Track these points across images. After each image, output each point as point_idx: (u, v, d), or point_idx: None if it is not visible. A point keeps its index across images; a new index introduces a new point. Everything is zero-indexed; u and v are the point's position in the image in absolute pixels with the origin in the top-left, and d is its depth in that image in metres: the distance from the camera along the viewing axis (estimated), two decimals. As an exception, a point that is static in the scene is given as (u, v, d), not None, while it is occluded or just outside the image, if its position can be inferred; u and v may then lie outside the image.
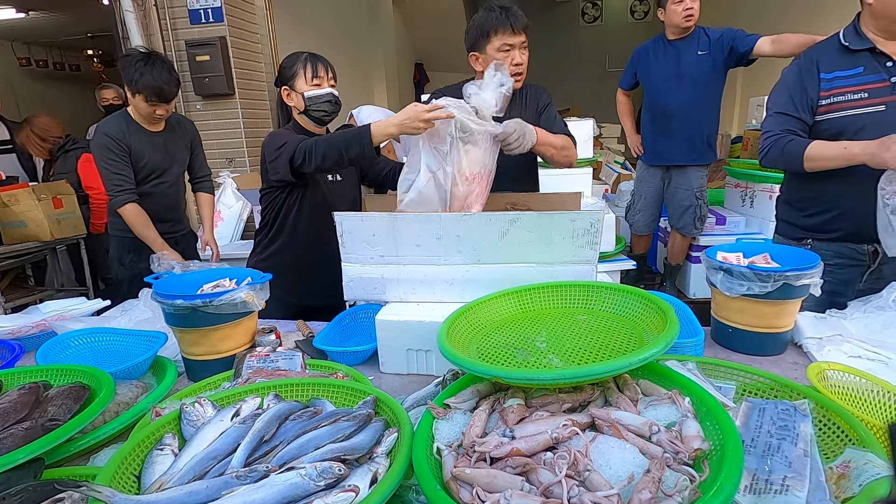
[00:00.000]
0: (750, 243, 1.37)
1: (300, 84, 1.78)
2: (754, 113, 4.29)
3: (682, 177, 3.13)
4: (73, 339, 1.33)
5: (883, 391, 0.90)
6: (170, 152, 2.35)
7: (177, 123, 2.40)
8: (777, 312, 1.20)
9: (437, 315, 1.18)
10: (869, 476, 0.64)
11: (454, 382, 0.92)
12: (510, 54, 1.72)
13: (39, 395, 0.96)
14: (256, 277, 1.33)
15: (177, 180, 2.43)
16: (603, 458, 0.68)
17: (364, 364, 1.32)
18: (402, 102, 7.91)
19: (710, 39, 2.89)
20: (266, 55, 4.28)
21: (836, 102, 1.55)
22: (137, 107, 2.17)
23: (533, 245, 1.22)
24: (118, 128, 2.18)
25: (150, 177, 2.29)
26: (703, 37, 2.92)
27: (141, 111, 2.18)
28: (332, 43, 6.04)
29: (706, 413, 0.74)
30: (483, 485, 0.65)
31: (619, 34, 8.95)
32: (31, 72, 7.84)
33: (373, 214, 1.28)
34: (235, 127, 3.83)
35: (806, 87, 1.60)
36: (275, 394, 0.92)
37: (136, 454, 0.78)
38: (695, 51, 2.92)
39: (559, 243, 1.21)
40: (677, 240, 3.31)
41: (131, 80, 2.08)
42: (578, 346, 0.93)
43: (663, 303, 0.95)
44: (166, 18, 3.65)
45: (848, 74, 1.54)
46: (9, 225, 3.22)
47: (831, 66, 1.57)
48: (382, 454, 0.75)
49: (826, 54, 1.61)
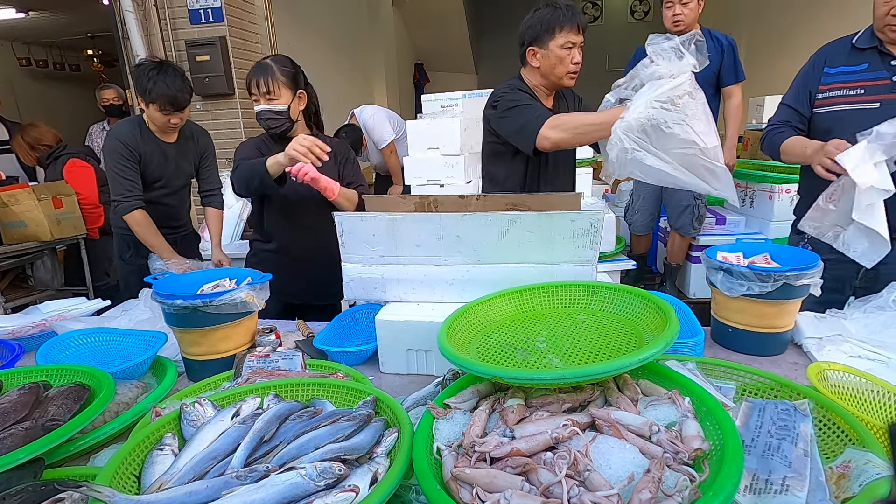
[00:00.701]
0: (750, 243, 1.37)
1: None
2: (754, 113, 4.29)
3: None
4: (73, 339, 1.33)
5: (883, 391, 0.90)
6: (179, 166, 2.35)
7: (191, 135, 2.39)
8: (777, 312, 1.20)
9: (437, 315, 1.18)
10: (869, 476, 0.64)
11: (454, 382, 0.92)
12: (571, 52, 1.74)
13: (39, 395, 0.96)
14: (256, 277, 1.33)
15: (179, 191, 2.42)
16: (603, 458, 0.68)
17: (364, 364, 1.32)
18: (402, 102, 7.92)
19: (715, 43, 2.88)
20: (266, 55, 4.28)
21: (832, 97, 1.59)
22: (152, 117, 2.16)
23: (533, 245, 1.21)
24: (131, 134, 2.18)
25: (152, 185, 2.28)
26: (708, 38, 2.91)
27: (156, 121, 2.18)
28: (331, 43, 6.04)
29: (706, 413, 0.74)
30: (483, 485, 0.65)
31: (619, 34, 8.96)
32: (31, 72, 7.84)
33: (373, 214, 1.28)
34: (235, 127, 3.83)
35: (808, 80, 1.66)
36: (275, 394, 0.92)
37: (136, 454, 0.78)
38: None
39: (559, 243, 1.21)
40: (677, 240, 3.31)
41: (145, 89, 2.08)
42: (578, 346, 0.93)
43: (663, 303, 0.95)
44: (166, 18, 3.66)
45: (852, 70, 1.58)
46: (9, 225, 3.22)
47: (838, 62, 1.62)
48: (382, 454, 0.75)
49: (837, 51, 1.65)
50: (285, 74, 1.77)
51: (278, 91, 1.76)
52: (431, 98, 3.10)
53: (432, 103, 3.08)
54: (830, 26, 4.21)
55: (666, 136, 1.28)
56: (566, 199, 1.43)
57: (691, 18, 2.84)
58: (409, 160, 2.80)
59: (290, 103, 1.78)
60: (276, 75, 1.75)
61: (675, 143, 1.29)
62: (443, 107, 3.04)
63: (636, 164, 1.32)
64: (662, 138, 1.29)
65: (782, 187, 3.00)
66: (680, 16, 2.82)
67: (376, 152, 3.96)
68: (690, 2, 2.80)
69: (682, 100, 1.26)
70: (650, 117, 1.27)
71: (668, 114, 1.26)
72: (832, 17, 4.21)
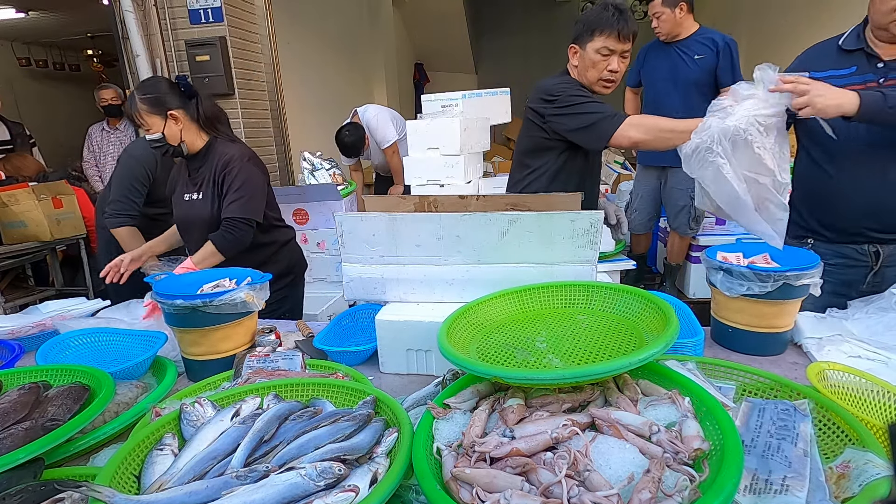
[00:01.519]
0: (750, 243, 1.37)
1: None
2: (754, 113, 4.29)
3: (677, 177, 3.14)
4: (73, 339, 1.33)
5: (883, 391, 0.90)
6: None
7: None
8: (777, 312, 1.20)
9: (437, 315, 1.18)
10: (869, 476, 0.64)
11: (454, 382, 0.92)
12: (608, 59, 1.68)
13: (39, 395, 0.96)
14: (256, 277, 1.33)
15: None
16: (603, 458, 0.68)
17: (364, 364, 1.32)
18: (402, 102, 7.93)
19: (713, 44, 2.89)
20: (266, 55, 4.28)
21: None
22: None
23: (533, 245, 1.21)
24: (152, 159, 2.20)
25: (154, 203, 2.29)
26: (703, 40, 2.92)
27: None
28: (331, 43, 6.04)
29: (706, 413, 0.74)
30: (483, 485, 0.65)
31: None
32: (31, 72, 7.85)
33: (372, 214, 1.28)
34: (235, 127, 3.81)
35: None
36: (275, 394, 0.92)
37: (136, 454, 0.78)
38: (692, 55, 2.94)
39: (559, 243, 1.20)
40: (676, 240, 3.32)
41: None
42: (578, 346, 0.93)
43: (663, 303, 0.95)
44: (166, 18, 3.65)
45: (840, 74, 1.55)
46: (9, 225, 3.22)
47: (826, 66, 1.58)
48: (382, 454, 0.75)
49: (823, 54, 1.62)
50: (146, 101, 1.74)
51: (145, 120, 1.75)
52: (431, 98, 3.10)
53: (432, 103, 3.08)
54: (831, 27, 4.21)
55: (750, 156, 1.28)
56: (566, 199, 1.43)
57: (666, 28, 2.98)
58: (408, 160, 2.80)
59: (163, 129, 1.75)
60: (137, 105, 1.73)
61: (755, 166, 1.29)
62: (443, 107, 3.04)
63: (712, 167, 1.31)
64: (746, 155, 1.29)
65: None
66: (656, 27, 3.03)
67: (378, 152, 3.96)
68: (662, 14, 2.96)
69: (775, 128, 1.28)
70: (747, 130, 1.27)
71: (762, 136, 1.27)
72: (833, 17, 4.20)
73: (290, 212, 3.16)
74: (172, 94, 1.76)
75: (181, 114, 1.77)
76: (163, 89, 1.76)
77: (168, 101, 1.75)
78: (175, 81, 1.79)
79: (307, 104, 5.19)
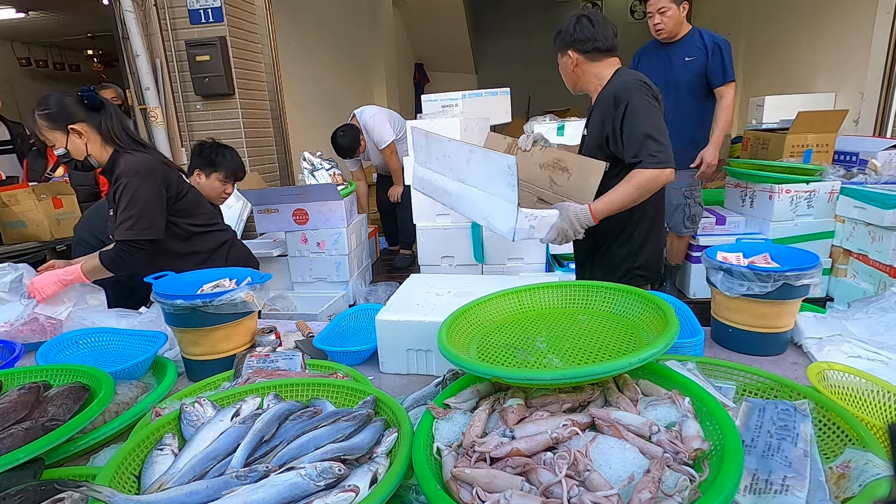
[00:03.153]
0: (750, 243, 1.37)
1: None
2: (754, 113, 4.29)
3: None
4: (73, 339, 1.33)
5: (883, 391, 0.90)
6: None
7: None
8: (777, 312, 1.20)
9: (438, 315, 1.18)
10: (869, 476, 0.64)
11: (454, 382, 0.92)
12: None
13: (39, 395, 0.96)
14: (256, 277, 1.33)
15: None
16: (603, 458, 0.68)
17: (364, 364, 1.32)
18: (402, 102, 7.92)
19: (702, 45, 2.87)
20: (266, 55, 4.28)
21: None
22: (211, 185, 2.30)
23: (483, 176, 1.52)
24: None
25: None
26: (694, 41, 2.90)
27: (215, 189, 2.32)
28: (331, 43, 6.04)
29: (706, 413, 0.74)
30: (483, 485, 0.65)
31: (618, 34, 8.94)
32: (31, 72, 7.85)
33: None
34: (235, 127, 3.83)
35: None
36: (275, 394, 0.92)
37: (136, 454, 0.78)
38: (682, 56, 2.91)
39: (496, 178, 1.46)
40: (675, 240, 3.31)
41: (212, 160, 2.27)
42: (578, 346, 0.93)
43: (663, 303, 0.95)
44: (166, 18, 3.66)
45: None
46: (9, 225, 3.22)
47: None
48: (382, 454, 0.75)
49: None
50: (44, 117, 1.69)
51: (46, 136, 1.71)
52: (431, 98, 3.10)
53: (432, 103, 3.08)
54: (831, 27, 4.21)
55: None
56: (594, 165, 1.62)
57: (671, 25, 2.88)
58: (409, 160, 2.80)
59: (66, 144, 1.70)
60: (37, 123, 1.70)
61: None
62: (443, 107, 3.04)
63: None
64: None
65: (782, 187, 3.01)
66: (660, 24, 2.89)
67: (377, 153, 3.96)
68: (668, 10, 2.84)
69: None
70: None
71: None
72: (833, 17, 4.20)
73: (290, 212, 3.16)
74: (75, 108, 1.71)
75: (84, 127, 1.71)
76: (62, 104, 1.70)
77: (68, 116, 1.69)
78: (79, 94, 1.73)
79: (307, 104, 5.19)
